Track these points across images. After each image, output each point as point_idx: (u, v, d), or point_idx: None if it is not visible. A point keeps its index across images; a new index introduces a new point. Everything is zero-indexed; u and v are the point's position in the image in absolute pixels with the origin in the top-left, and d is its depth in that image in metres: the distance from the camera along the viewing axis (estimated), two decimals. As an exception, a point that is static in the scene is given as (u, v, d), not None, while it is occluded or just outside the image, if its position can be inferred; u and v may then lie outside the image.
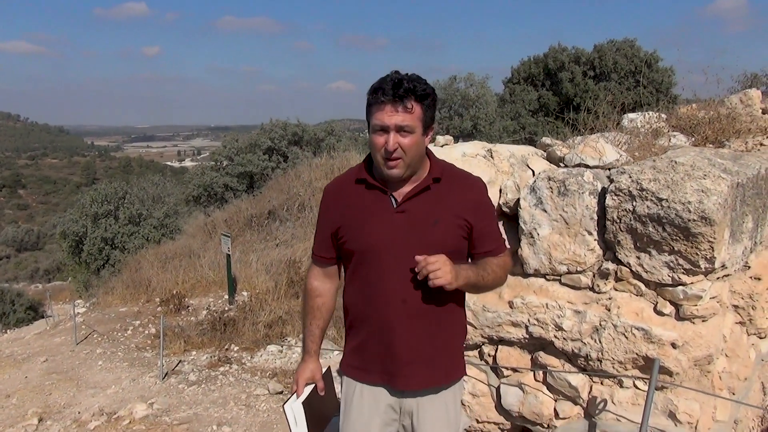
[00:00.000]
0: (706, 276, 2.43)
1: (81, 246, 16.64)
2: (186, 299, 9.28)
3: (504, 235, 1.98)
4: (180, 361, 6.82)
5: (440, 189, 1.87)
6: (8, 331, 13.23)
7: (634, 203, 2.43)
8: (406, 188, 1.86)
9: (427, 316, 1.88)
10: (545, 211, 2.67)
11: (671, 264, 2.42)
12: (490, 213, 1.94)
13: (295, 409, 1.98)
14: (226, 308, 8.53)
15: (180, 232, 15.80)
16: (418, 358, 1.89)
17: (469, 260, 1.93)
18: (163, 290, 9.84)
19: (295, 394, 2.01)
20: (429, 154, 1.92)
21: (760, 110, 3.81)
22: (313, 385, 2.05)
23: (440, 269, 1.72)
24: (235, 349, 7.10)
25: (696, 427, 2.52)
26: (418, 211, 1.84)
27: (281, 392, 5.57)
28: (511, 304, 2.78)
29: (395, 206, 1.86)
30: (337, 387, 2.09)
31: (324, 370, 2.10)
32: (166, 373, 6.37)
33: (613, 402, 2.63)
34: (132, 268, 11.70)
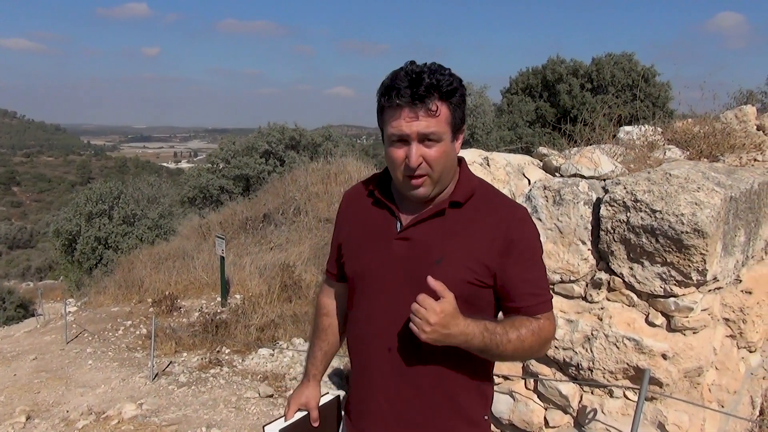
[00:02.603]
0: (697, 288, 2.45)
1: (74, 245, 16.57)
2: (178, 300, 9.25)
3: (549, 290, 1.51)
4: (171, 362, 6.79)
5: (459, 217, 1.45)
6: (-2, 328, 13.14)
7: (628, 214, 2.45)
8: (421, 210, 1.48)
9: (420, 375, 1.46)
10: (540, 220, 2.68)
11: (663, 275, 2.44)
12: (528, 257, 1.44)
13: None
14: (219, 310, 8.50)
15: (174, 233, 15.76)
16: (398, 423, 1.50)
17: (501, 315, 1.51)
18: (156, 291, 9.81)
19: (283, 418, 1.74)
20: (461, 168, 1.52)
21: (755, 126, 3.85)
22: (306, 413, 1.75)
23: (425, 314, 1.30)
24: (227, 351, 7.07)
25: (685, 439, 2.53)
26: (423, 242, 1.44)
27: (272, 395, 5.55)
28: (503, 312, 2.79)
29: (398, 231, 1.48)
30: None
31: (329, 398, 1.78)
32: (157, 374, 6.34)
33: (603, 412, 2.64)
34: (125, 268, 11.66)
